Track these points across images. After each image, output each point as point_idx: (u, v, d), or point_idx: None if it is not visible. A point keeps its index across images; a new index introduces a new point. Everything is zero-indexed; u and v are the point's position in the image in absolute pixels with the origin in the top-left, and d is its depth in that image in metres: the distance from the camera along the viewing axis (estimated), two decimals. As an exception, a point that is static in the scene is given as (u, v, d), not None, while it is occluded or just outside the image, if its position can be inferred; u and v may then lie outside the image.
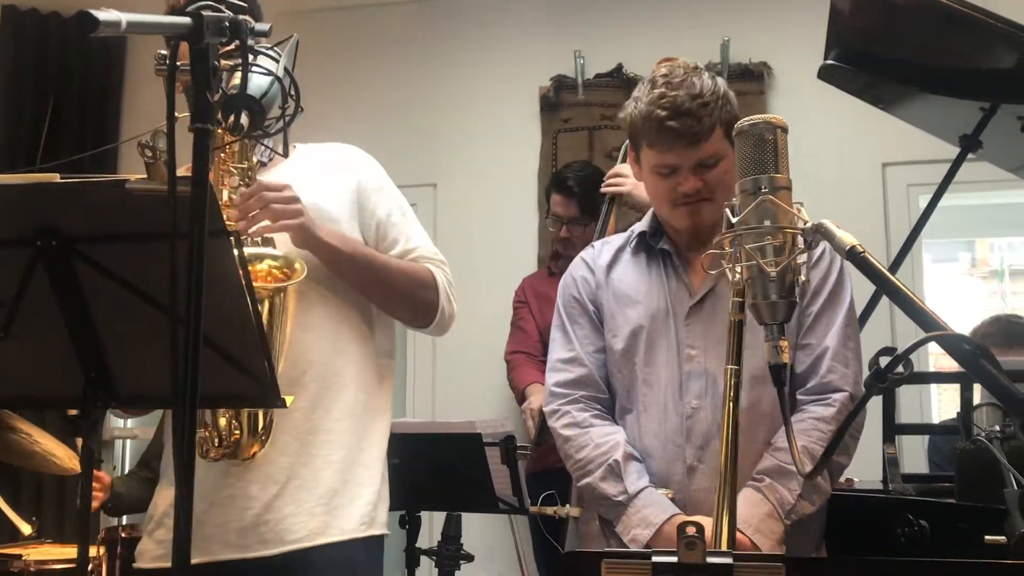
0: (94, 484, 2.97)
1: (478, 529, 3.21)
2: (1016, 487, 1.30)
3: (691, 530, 0.93)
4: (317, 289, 1.72)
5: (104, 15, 0.94)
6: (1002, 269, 5.86)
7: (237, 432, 1.59)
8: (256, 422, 1.60)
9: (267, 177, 1.76)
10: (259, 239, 1.61)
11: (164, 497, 1.72)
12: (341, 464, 1.70)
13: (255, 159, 1.75)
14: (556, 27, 4.16)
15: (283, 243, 1.65)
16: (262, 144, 1.73)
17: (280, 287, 1.58)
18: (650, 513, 1.65)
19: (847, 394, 1.68)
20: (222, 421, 1.59)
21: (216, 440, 1.59)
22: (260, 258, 1.58)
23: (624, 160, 2.73)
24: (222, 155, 1.62)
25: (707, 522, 1.45)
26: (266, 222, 1.60)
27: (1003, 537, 0.96)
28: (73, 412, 1.41)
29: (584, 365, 1.81)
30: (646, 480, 1.69)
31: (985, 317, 3.29)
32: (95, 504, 3.00)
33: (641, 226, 1.89)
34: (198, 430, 1.57)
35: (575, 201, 3.32)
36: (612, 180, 2.76)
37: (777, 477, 1.63)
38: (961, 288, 5.94)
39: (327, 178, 1.81)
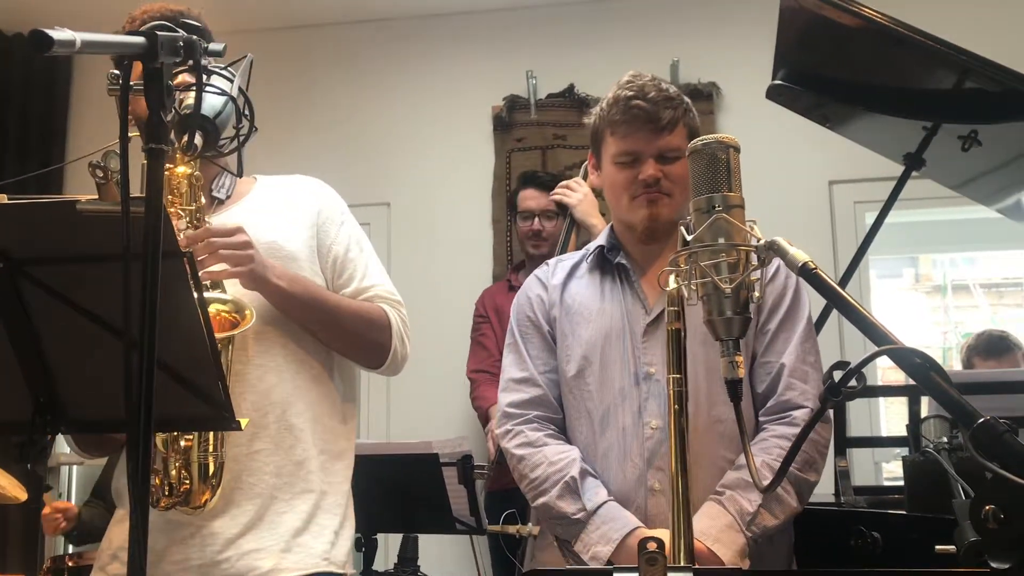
0: (59, 515, 2.93)
1: (435, 550, 3.19)
2: (964, 498, 1.32)
3: (652, 546, 0.94)
4: (276, 331, 1.69)
5: (58, 34, 0.92)
6: (945, 284, 5.99)
7: (187, 482, 1.55)
8: (206, 469, 1.57)
9: (228, 213, 1.74)
10: (207, 282, 1.57)
11: (119, 531, 1.68)
12: (304, 505, 1.67)
13: (213, 194, 1.74)
14: (508, 48, 4.19)
15: (231, 283, 1.62)
16: (222, 169, 1.72)
17: (229, 336, 1.55)
18: (610, 529, 1.61)
19: (807, 410, 1.65)
20: (172, 471, 1.55)
21: (166, 489, 1.55)
22: (209, 302, 1.54)
23: (584, 176, 2.78)
24: (171, 196, 1.59)
25: (665, 535, 1.45)
26: (216, 267, 1.57)
27: (953, 547, 0.98)
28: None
29: (538, 385, 1.78)
30: (604, 494, 1.65)
31: (976, 331, 3.61)
32: (59, 530, 2.98)
33: (599, 240, 1.86)
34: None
35: (547, 193, 3.34)
36: (561, 188, 2.82)
37: (738, 489, 1.61)
38: (906, 303, 6.07)
39: (287, 214, 1.79)
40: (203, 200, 1.64)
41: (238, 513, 1.62)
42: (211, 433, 1.57)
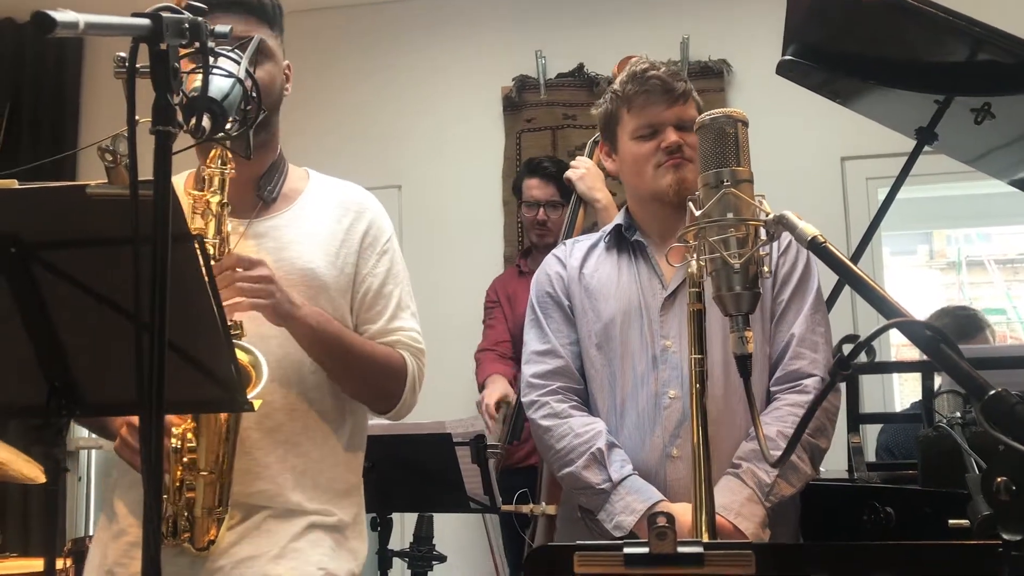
0: None
1: (450, 529, 3.21)
2: (977, 472, 1.32)
3: (661, 520, 0.94)
4: (292, 367, 1.64)
5: (61, 16, 0.92)
6: (959, 260, 5.96)
7: (187, 532, 1.53)
8: (210, 513, 1.54)
9: (274, 221, 1.71)
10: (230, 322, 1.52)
11: (115, 546, 1.63)
12: (299, 524, 1.64)
13: (261, 195, 1.70)
14: (517, 27, 4.17)
15: (256, 322, 1.58)
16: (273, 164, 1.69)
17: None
18: (634, 500, 1.65)
19: (818, 378, 1.69)
20: (169, 509, 1.53)
21: (169, 528, 1.53)
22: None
23: (589, 154, 2.78)
24: (195, 226, 1.55)
25: (688, 509, 1.46)
26: (235, 299, 1.51)
27: (966, 520, 0.98)
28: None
29: (560, 356, 1.82)
30: (630, 468, 1.70)
31: (934, 310, 3.33)
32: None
33: (616, 220, 1.91)
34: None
35: (552, 183, 3.36)
36: (572, 164, 2.83)
37: (754, 460, 1.64)
38: (920, 280, 6.04)
39: (332, 236, 1.73)
40: (228, 229, 1.59)
41: (234, 525, 1.59)
42: (217, 491, 1.54)
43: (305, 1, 4.26)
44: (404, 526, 3.28)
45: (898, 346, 4.32)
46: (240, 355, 1.49)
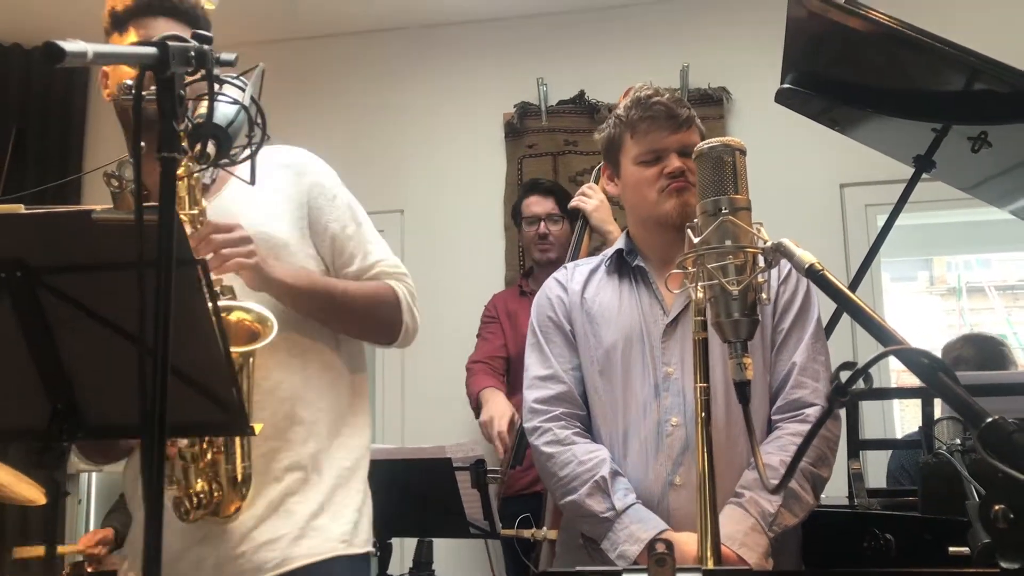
0: (99, 548, 2.96)
1: (450, 554, 3.19)
2: (977, 499, 1.32)
3: (660, 547, 0.94)
4: (279, 325, 1.64)
5: (70, 46, 0.94)
6: (959, 286, 5.97)
7: (218, 492, 1.54)
8: (235, 479, 1.55)
9: (218, 199, 1.71)
10: (218, 288, 1.54)
11: (140, 535, 1.67)
12: (318, 495, 1.66)
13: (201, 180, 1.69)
14: (519, 54, 4.21)
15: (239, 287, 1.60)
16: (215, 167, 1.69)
17: (251, 349, 1.51)
18: (638, 529, 1.64)
19: (819, 408, 1.69)
20: (198, 484, 1.54)
21: (194, 501, 1.54)
22: (231, 310, 1.52)
23: (595, 180, 2.79)
24: None
25: (692, 538, 1.46)
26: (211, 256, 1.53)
27: (966, 548, 0.98)
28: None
29: (562, 382, 1.81)
30: (633, 496, 1.69)
31: (954, 337, 3.26)
32: (106, 555, 3.01)
33: (617, 245, 1.91)
34: (169, 488, 1.52)
35: (551, 198, 3.42)
36: (578, 196, 2.84)
37: (757, 490, 1.64)
38: (920, 306, 6.05)
39: (276, 195, 1.74)
40: (204, 204, 1.60)
41: (252, 508, 1.60)
42: (238, 445, 1.56)
43: (309, 29, 4.31)
44: (404, 551, 3.27)
45: (898, 372, 4.31)
46: (243, 315, 1.52)
